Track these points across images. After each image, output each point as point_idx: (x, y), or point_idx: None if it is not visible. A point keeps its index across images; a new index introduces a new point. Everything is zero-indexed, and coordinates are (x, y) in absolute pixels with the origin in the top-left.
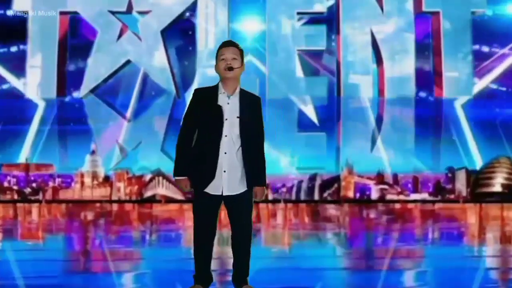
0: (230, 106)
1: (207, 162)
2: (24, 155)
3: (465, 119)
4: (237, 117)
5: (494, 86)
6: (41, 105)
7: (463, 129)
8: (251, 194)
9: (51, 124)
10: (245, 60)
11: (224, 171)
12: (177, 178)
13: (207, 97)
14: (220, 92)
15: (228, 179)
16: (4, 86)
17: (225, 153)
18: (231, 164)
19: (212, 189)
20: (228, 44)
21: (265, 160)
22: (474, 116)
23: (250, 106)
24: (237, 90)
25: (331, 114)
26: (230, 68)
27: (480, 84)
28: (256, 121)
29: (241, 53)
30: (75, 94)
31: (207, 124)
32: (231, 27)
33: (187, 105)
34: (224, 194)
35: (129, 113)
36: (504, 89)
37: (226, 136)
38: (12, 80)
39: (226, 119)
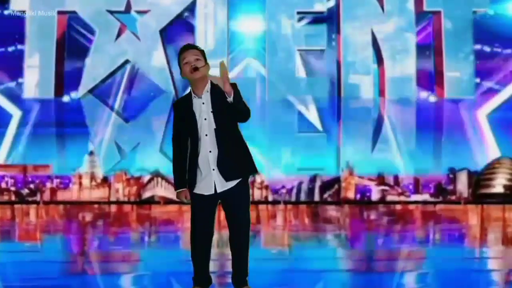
0: (205, 105)
1: (192, 165)
2: (21, 155)
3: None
4: (211, 111)
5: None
6: (38, 106)
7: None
8: (246, 189)
9: (49, 124)
10: (244, 59)
11: (213, 169)
12: (177, 191)
13: (183, 106)
14: (193, 96)
15: (218, 176)
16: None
17: (210, 151)
18: (219, 160)
19: (204, 189)
20: (187, 47)
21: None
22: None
23: (222, 94)
24: (207, 88)
25: (332, 115)
26: (196, 69)
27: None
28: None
29: (202, 53)
30: (73, 95)
31: (189, 129)
32: (230, 27)
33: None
34: (218, 191)
35: (127, 113)
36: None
37: (206, 135)
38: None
39: (205, 119)
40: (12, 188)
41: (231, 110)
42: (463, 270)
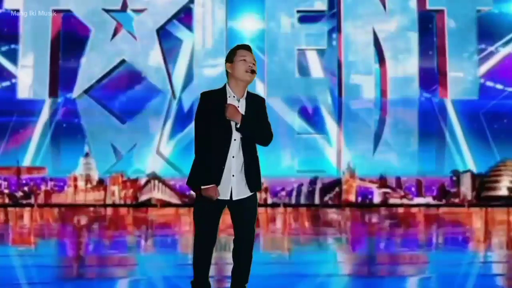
0: (240, 109)
1: (215, 167)
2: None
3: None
4: None
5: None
6: (32, 107)
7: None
8: (256, 199)
9: (43, 125)
10: None
11: (233, 175)
12: (204, 187)
13: (216, 100)
14: (229, 95)
15: (236, 183)
16: None
17: (233, 157)
18: (239, 168)
19: (221, 193)
20: (248, 48)
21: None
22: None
23: (255, 107)
24: (245, 94)
25: (332, 116)
26: (253, 72)
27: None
28: (262, 122)
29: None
30: (68, 95)
31: (217, 128)
32: (229, 26)
33: (197, 110)
34: (233, 198)
35: (123, 114)
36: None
37: (235, 140)
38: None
39: (236, 123)
40: (6, 191)
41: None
42: (467, 274)
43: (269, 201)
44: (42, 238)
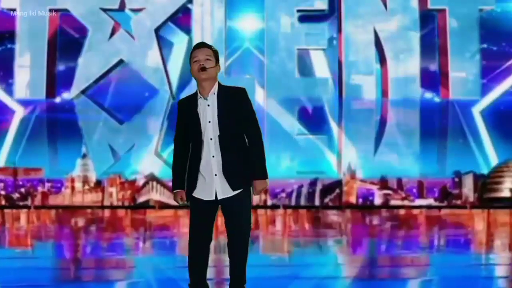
0: (211, 107)
1: (192, 168)
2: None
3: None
4: (217, 115)
5: None
6: (29, 107)
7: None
8: (248, 195)
9: (40, 126)
10: (243, 59)
11: (215, 175)
12: (173, 192)
13: (188, 106)
14: (199, 97)
15: (220, 182)
16: None
17: (213, 156)
18: (222, 166)
19: (204, 194)
20: (200, 45)
21: (263, 152)
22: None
23: (233, 101)
24: (214, 90)
25: (333, 116)
26: (203, 68)
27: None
28: (243, 114)
29: (215, 53)
30: (65, 95)
31: (192, 131)
32: (228, 26)
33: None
34: (218, 198)
35: (121, 114)
36: None
37: (211, 139)
38: None
39: (210, 122)
40: (2, 192)
41: (236, 116)
42: (469, 277)
43: (269, 202)
44: (39, 240)
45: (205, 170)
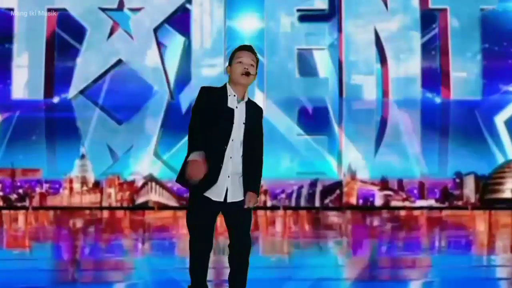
0: (238, 110)
1: (212, 166)
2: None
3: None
4: (243, 123)
5: None
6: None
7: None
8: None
9: (38, 127)
10: None
11: (228, 177)
12: (191, 159)
13: (216, 97)
14: (230, 94)
15: (232, 185)
16: None
17: (231, 157)
18: (235, 169)
19: (214, 195)
20: (247, 48)
21: (261, 169)
22: None
23: (255, 115)
24: (246, 97)
25: (333, 116)
26: (247, 74)
27: None
28: (258, 130)
29: (257, 61)
30: (64, 95)
31: (216, 126)
32: (228, 25)
33: (195, 102)
34: (228, 201)
35: (120, 115)
36: None
37: (233, 140)
38: None
39: (234, 123)
40: (0, 193)
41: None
42: (470, 278)
43: (269, 203)
44: (37, 241)
45: (223, 170)
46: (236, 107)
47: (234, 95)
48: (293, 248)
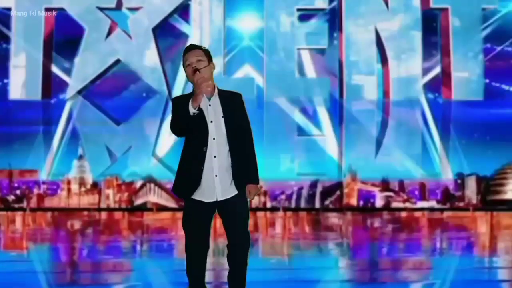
0: (212, 107)
1: (194, 168)
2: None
3: None
4: (222, 116)
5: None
6: (24, 107)
7: None
8: (245, 198)
9: (36, 127)
10: (242, 59)
11: (216, 176)
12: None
13: (186, 103)
14: None
15: (220, 183)
16: None
17: (215, 156)
18: (222, 167)
19: (205, 196)
20: (189, 48)
21: (256, 158)
22: None
23: (232, 104)
24: (215, 91)
25: (333, 117)
26: (195, 70)
27: None
28: (241, 118)
29: (206, 52)
30: (61, 96)
31: (195, 129)
32: (227, 25)
33: (171, 113)
34: (218, 199)
35: (118, 115)
36: None
37: (214, 139)
38: None
39: (212, 122)
40: None
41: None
42: (472, 280)
43: (268, 205)
44: (35, 243)
45: (207, 170)
46: (210, 105)
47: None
48: (293, 250)
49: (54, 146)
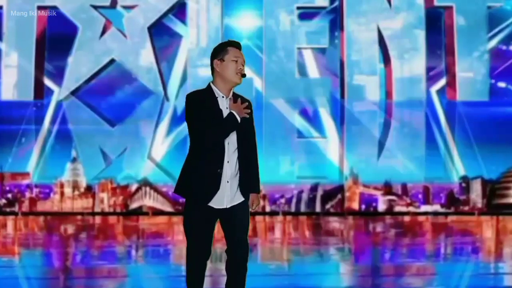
0: (228, 110)
1: (211, 173)
2: None
3: None
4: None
5: None
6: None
7: None
8: (248, 206)
9: (28, 129)
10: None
11: (228, 182)
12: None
13: (208, 101)
14: (218, 95)
15: (230, 189)
16: None
17: (228, 162)
18: (233, 173)
19: (216, 202)
20: (240, 47)
21: (258, 166)
22: None
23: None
24: (231, 94)
25: (334, 118)
26: (244, 75)
27: None
28: (249, 126)
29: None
30: (54, 96)
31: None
32: (225, 23)
33: (188, 109)
34: (227, 206)
35: (113, 117)
36: None
37: (228, 143)
38: None
39: None
40: None
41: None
42: (477, 286)
43: (268, 209)
44: (27, 248)
45: (222, 176)
46: (227, 108)
47: (223, 96)
48: (293, 255)
49: (46, 149)
